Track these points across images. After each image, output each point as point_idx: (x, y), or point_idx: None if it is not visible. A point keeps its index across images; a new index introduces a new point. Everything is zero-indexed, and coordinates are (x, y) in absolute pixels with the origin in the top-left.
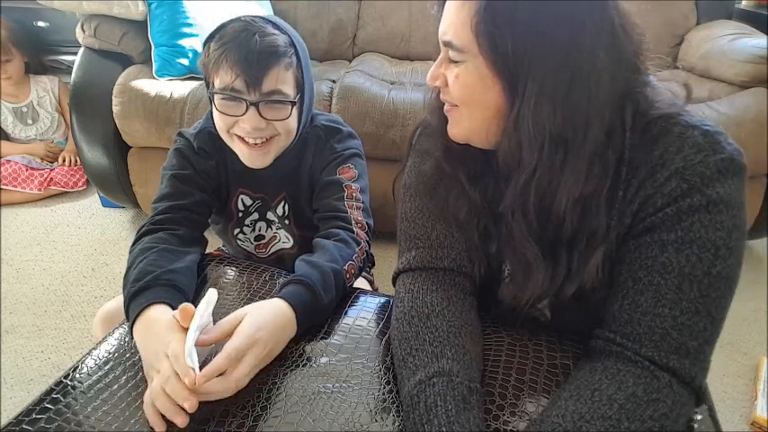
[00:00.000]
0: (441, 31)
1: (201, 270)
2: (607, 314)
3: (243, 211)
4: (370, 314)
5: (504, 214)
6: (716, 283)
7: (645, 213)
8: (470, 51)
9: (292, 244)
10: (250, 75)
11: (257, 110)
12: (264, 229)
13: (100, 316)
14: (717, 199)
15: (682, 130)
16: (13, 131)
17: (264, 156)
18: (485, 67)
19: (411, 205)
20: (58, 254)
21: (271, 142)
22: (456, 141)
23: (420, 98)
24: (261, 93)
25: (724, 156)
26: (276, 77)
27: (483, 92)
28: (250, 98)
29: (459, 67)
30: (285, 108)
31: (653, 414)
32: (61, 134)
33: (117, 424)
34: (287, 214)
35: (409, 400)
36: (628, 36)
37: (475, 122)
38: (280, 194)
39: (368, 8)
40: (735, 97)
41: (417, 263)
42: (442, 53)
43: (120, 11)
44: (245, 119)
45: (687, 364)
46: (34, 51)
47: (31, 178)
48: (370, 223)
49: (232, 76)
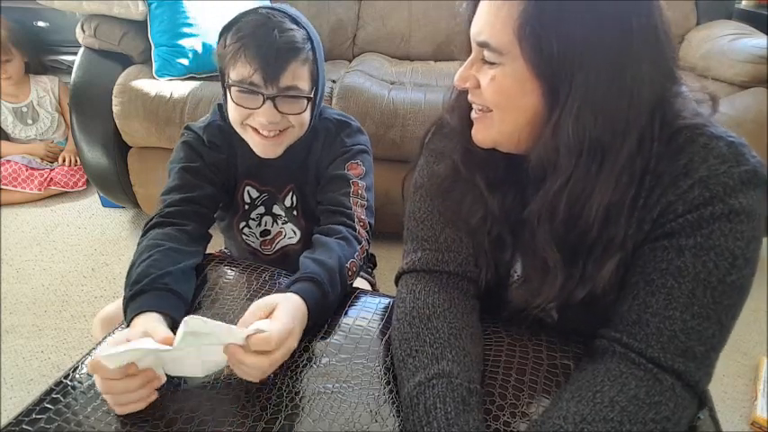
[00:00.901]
0: (474, 30)
1: (201, 270)
2: (615, 314)
3: (249, 203)
4: (371, 314)
5: (529, 219)
6: (729, 291)
7: (665, 219)
8: (510, 53)
9: (298, 238)
10: (268, 70)
11: (273, 104)
12: (270, 223)
13: (99, 319)
14: (739, 209)
15: (707, 141)
16: (13, 131)
17: (277, 146)
18: (525, 69)
19: (421, 205)
20: (58, 254)
21: (284, 134)
22: (481, 147)
23: (420, 98)
24: (278, 88)
25: (748, 168)
26: (293, 73)
27: (520, 96)
28: (267, 92)
29: (495, 69)
30: (301, 102)
31: (654, 417)
32: (61, 134)
33: (117, 424)
34: (295, 205)
35: (409, 402)
36: (669, 42)
37: (507, 127)
38: (287, 186)
39: (368, 8)
40: (735, 97)
41: (423, 265)
42: (474, 53)
43: (120, 11)
44: (261, 112)
45: (692, 368)
46: (34, 51)
47: (31, 178)
48: (371, 222)
49: (250, 70)
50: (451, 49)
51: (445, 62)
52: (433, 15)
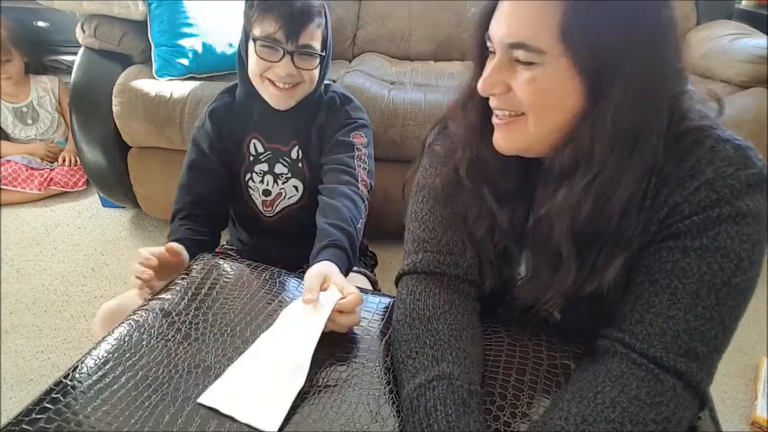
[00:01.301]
0: (502, 32)
1: (201, 269)
2: (618, 314)
3: (254, 155)
4: (371, 314)
5: (547, 216)
6: (733, 293)
7: (671, 221)
8: (551, 52)
9: (299, 196)
10: (290, 29)
11: (291, 59)
12: (271, 183)
13: (100, 315)
14: (745, 211)
15: (714, 143)
16: (13, 131)
17: (290, 98)
18: (568, 67)
19: (423, 206)
20: (58, 254)
21: (296, 88)
22: (505, 154)
23: (420, 98)
24: (296, 45)
25: (755, 171)
26: (311, 34)
27: (563, 94)
28: (288, 47)
29: (533, 69)
30: (314, 59)
31: (655, 418)
32: (61, 134)
33: (117, 424)
34: (300, 157)
35: (409, 404)
36: (679, 37)
37: (543, 129)
38: (292, 141)
39: (368, 8)
40: (735, 97)
41: (424, 267)
42: (501, 57)
43: (120, 11)
44: (281, 65)
45: (694, 369)
46: (34, 51)
47: (31, 178)
48: (372, 183)
49: (275, 27)
50: (452, 48)
51: (445, 62)
52: (433, 15)
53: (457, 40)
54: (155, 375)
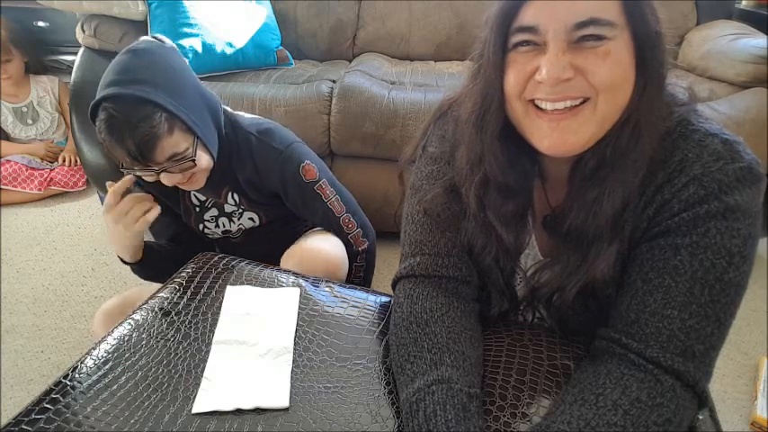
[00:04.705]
0: (562, 14)
1: (200, 268)
2: (613, 314)
3: (199, 205)
4: (371, 314)
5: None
6: (727, 289)
7: (661, 218)
8: (619, 24)
9: (259, 223)
10: (142, 159)
11: (166, 171)
12: (227, 223)
13: (100, 314)
14: (734, 206)
15: (701, 138)
16: (13, 131)
17: (195, 185)
18: (630, 40)
19: (419, 208)
20: (58, 254)
21: (194, 177)
22: (561, 156)
23: (420, 98)
24: (158, 164)
25: (743, 164)
26: (162, 150)
27: (628, 68)
28: (154, 168)
29: (606, 44)
30: (185, 161)
31: (657, 419)
32: (61, 134)
33: (117, 424)
34: (239, 200)
35: (408, 408)
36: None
37: (612, 107)
38: (223, 189)
39: (368, 8)
40: (735, 97)
41: (421, 270)
42: (561, 41)
43: (120, 11)
44: (163, 179)
45: (692, 368)
46: (34, 51)
47: (31, 178)
48: (357, 221)
49: (129, 160)
50: (452, 49)
51: (445, 62)
52: (433, 15)
53: (457, 40)
54: (154, 375)
